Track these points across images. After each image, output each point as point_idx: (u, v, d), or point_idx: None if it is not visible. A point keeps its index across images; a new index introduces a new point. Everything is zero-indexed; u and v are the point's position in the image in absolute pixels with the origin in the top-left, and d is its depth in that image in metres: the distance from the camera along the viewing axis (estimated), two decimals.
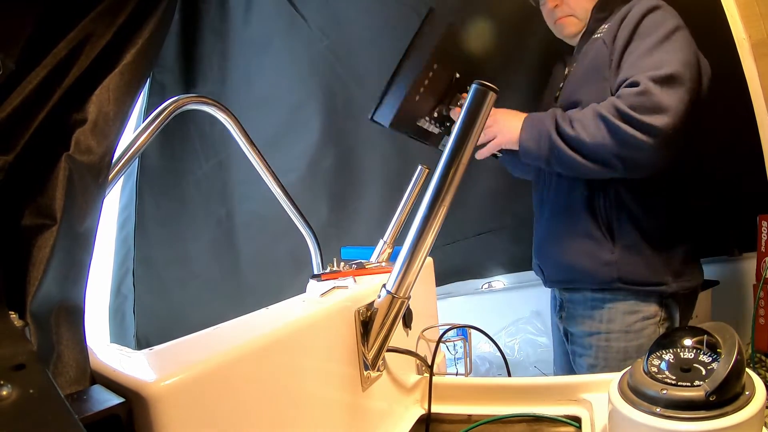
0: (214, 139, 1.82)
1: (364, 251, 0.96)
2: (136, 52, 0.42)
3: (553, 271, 1.21)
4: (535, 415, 0.73)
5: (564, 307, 1.22)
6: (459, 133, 0.61)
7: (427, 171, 0.92)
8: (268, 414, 0.50)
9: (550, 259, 1.21)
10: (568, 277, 1.17)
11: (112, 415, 0.37)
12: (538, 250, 1.26)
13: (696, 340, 0.52)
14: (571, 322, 1.19)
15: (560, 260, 1.17)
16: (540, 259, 1.25)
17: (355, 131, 1.78)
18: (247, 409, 0.47)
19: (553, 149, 1.02)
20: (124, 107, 0.42)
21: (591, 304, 1.13)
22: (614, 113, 0.94)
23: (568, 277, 1.17)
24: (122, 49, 0.41)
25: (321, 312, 0.60)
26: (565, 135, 1.00)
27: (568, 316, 1.21)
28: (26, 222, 0.36)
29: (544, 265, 1.24)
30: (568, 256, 1.14)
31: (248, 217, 1.88)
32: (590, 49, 1.11)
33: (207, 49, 1.77)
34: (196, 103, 0.84)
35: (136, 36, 0.41)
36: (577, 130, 0.99)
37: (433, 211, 0.61)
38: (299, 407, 0.54)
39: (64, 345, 0.39)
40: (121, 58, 0.41)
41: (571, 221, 1.14)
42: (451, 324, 0.86)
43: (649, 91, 0.91)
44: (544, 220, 1.22)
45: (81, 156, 0.38)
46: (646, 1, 1.02)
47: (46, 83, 0.37)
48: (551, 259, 1.21)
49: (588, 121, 0.98)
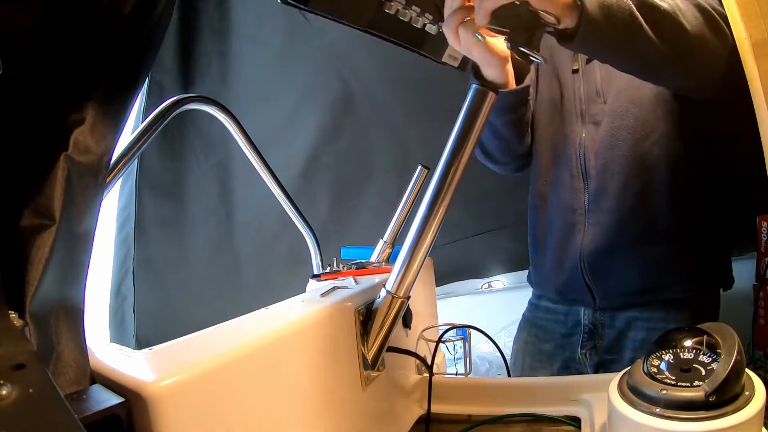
0: (213, 138, 1.82)
1: (364, 251, 0.96)
2: (135, 52, 0.42)
3: (620, 287, 0.97)
4: (534, 415, 0.73)
5: (603, 334, 1.01)
6: (459, 133, 0.61)
7: (427, 171, 0.92)
8: (268, 414, 0.50)
9: (617, 275, 0.96)
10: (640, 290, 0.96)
11: (111, 415, 0.37)
12: (593, 268, 0.97)
13: (696, 341, 0.52)
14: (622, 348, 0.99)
15: (639, 272, 0.95)
16: (595, 278, 0.98)
17: (355, 128, 1.79)
18: (247, 409, 0.47)
19: (643, 5, 0.69)
20: (122, 107, 0.42)
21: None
22: (708, 4, 0.77)
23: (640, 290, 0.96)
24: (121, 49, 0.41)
25: (321, 312, 0.60)
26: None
27: (613, 345, 0.99)
28: (25, 222, 0.36)
29: (600, 284, 0.98)
30: (649, 264, 0.94)
31: (248, 216, 1.88)
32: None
33: (205, 48, 1.77)
34: (196, 103, 0.84)
35: (135, 35, 0.41)
36: (669, 5, 0.73)
37: (433, 211, 0.61)
38: (299, 407, 0.54)
39: (64, 345, 0.39)
40: (120, 57, 0.41)
41: (649, 222, 0.93)
42: (450, 324, 0.86)
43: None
44: (601, 227, 0.96)
45: (79, 156, 0.38)
46: None
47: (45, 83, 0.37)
48: (619, 273, 0.96)
49: (679, 2, 0.75)
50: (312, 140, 1.80)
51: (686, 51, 0.76)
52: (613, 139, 0.94)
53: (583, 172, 0.97)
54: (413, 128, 1.75)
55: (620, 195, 0.94)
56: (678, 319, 0.94)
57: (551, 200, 1.04)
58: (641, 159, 0.92)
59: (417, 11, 0.69)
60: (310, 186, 1.82)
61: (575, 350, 1.03)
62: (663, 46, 0.71)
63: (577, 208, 0.98)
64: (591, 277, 0.97)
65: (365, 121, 1.78)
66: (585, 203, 0.97)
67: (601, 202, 0.96)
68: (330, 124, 1.78)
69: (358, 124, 1.77)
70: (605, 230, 0.95)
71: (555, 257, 1.04)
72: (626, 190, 0.94)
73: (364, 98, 1.77)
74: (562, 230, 1.01)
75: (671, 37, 0.72)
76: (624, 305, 0.98)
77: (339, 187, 1.84)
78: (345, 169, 1.82)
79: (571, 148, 0.99)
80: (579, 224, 0.98)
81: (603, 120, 0.95)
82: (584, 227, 0.97)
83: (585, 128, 0.97)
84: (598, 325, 1.01)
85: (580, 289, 1.00)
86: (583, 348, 1.02)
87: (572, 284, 1.01)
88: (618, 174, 0.94)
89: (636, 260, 0.95)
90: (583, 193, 0.98)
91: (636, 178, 0.93)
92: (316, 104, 1.77)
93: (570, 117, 1.00)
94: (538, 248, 1.11)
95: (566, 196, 1.00)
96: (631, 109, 0.93)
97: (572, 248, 0.99)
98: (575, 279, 0.99)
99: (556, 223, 1.03)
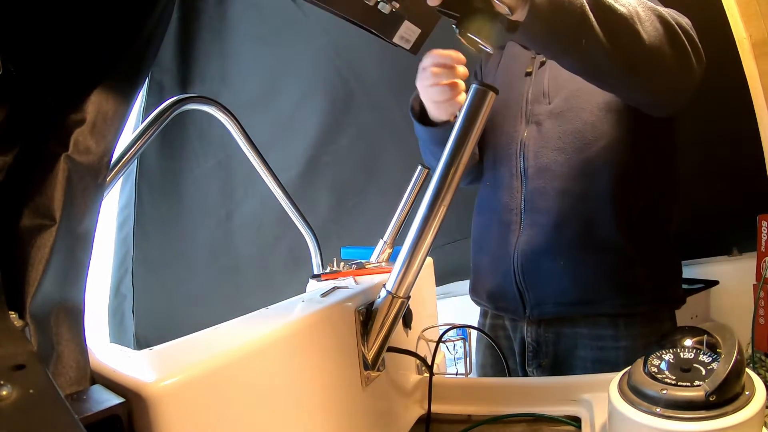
0: (213, 138, 1.82)
1: (364, 251, 0.96)
2: (135, 52, 0.42)
3: (553, 296, 0.94)
4: (534, 415, 0.73)
5: (545, 351, 0.97)
6: (459, 133, 0.61)
7: (427, 171, 0.92)
8: (268, 414, 0.50)
9: (550, 281, 0.93)
10: (580, 300, 0.92)
11: (112, 416, 0.37)
12: (526, 270, 0.94)
13: (696, 340, 0.52)
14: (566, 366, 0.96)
15: (573, 280, 0.91)
16: (528, 283, 0.94)
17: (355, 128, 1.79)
18: (247, 409, 0.47)
19: (598, 7, 0.68)
20: (122, 107, 0.42)
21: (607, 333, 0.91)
22: (674, 21, 0.75)
23: (580, 300, 0.92)
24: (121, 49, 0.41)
25: (321, 312, 0.60)
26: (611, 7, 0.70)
27: (558, 362, 0.96)
28: (25, 222, 0.36)
29: (533, 290, 0.95)
30: (585, 273, 0.91)
31: (248, 216, 1.88)
32: None
33: (205, 48, 1.77)
34: (196, 103, 0.84)
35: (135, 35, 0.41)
36: (628, 10, 0.71)
37: (433, 212, 0.61)
38: (299, 407, 0.54)
39: (64, 345, 0.39)
40: (120, 57, 0.41)
41: (587, 228, 0.90)
42: (451, 324, 0.86)
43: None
44: (536, 228, 0.93)
45: (80, 156, 0.38)
46: None
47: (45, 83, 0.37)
48: (553, 280, 0.93)
49: (640, 10, 0.73)
50: (312, 140, 1.80)
51: (639, 62, 0.73)
52: (559, 141, 0.92)
53: (522, 171, 0.95)
54: (413, 128, 1.75)
55: (559, 197, 0.91)
56: (627, 336, 0.90)
57: (491, 201, 1.02)
58: (585, 163, 0.90)
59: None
60: (310, 186, 1.82)
61: (524, 367, 1.00)
62: (613, 50, 0.69)
63: (513, 208, 0.96)
64: (524, 280, 0.94)
65: (365, 121, 1.78)
66: (521, 203, 0.95)
67: (538, 202, 0.93)
68: (330, 124, 1.78)
69: (358, 124, 1.77)
70: (540, 231, 0.93)
71: (491, 259, 1.02)
72: (566, 193, 0.91)
73: (364, 98, 1.77)
74: (498, 231, 0.99)
75: (624, 44, 0.70)
76: (559, 317, 0.94)
77: (339, 187, 1.84)
78: (345, 169, 1.82)
79: (512, 148, 0.98)
80: (514, 224, 0.96)
81: (545, 121, 0.94)
82: (519, 227, 0.95)
83: (527, 128, 0.96)
84: (542, 342, 0.97)
85: (512, 296, 0.96)
86: (529, 366, 0.99)
87: (504, 290, 0.98)
88: (559, 176, 0.92)
89: (570, 267, 0.91)
90: (520, 192, 0.96)
91: (576, 182, 0.90)
92: (316, 104, 1.77)
93: (514, 118, 0.99)
94: (476, 252, 1.09)
95: (504, 195, 0.98)
96: (580, 113, 0.91)
97: (506, 249, 0.96)
98: (508, 284, 0.96)
99: (494, 224, 1.00)
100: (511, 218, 0.96)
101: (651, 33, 0.72)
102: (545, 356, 0.97)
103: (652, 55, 0.73)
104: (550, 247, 0.92)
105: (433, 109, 0.94)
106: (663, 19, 0.74)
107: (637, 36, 0.70)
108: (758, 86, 0.73)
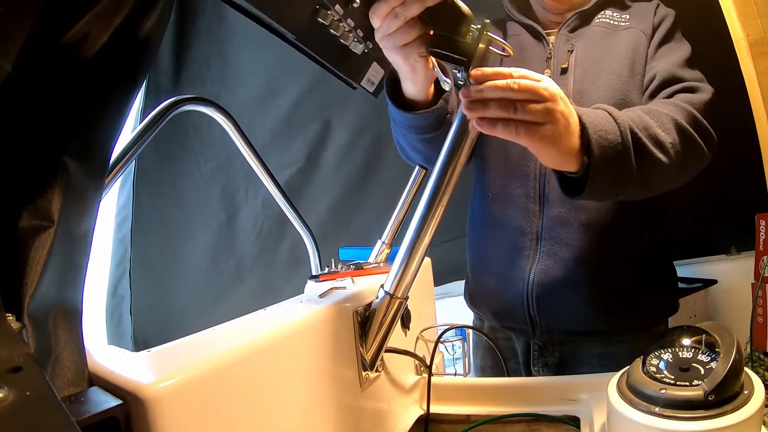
0: (212, 139, 1.82)
1: (362, 252, 0.96)
2: (133, 53, 0.42)
3: (565, 325, 0.91)
4: (534, 414, 0.73)
5: (551, 350, 0.96)
6: (456, 133, 0.61)
7: (425, 171, 0.92)
8: (267, 415, 0.50)
9: (565, 311, 0.89)
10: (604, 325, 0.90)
11: (109, 417, 0.36)
12: (541, 300, 0.89)
13: (694, 340, 0.52)
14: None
15: (588, 311, 0.88)
16: (541, 310, 0.90)
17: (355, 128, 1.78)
18: (246, 411, 0.47)
19: (638, 142, 0.67)
20: (120, 108, 0.42)
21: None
22: (690, 121, 0.75)
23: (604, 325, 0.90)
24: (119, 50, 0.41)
25: (319, 313, 0.60)
26: (649, 133, 0.70)
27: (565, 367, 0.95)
28: (23, 224, 0.36)
29: (545, 317, 0.90)
30: (602, 306, 0.88)
31: (247, 217, 1.88)
32: (617, 37, 0.87)
33: (203, 49, 1.76)
34: (194, 104, 0.84)
35: (133, 37, 0.41)
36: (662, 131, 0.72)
37: (431, 212, 0.61)
38: (297, 409, 0.54)
39: (62, 347, 0.39)
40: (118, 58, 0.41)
41: (611, 264, 0.86)
42: (449, 324, 0.86)
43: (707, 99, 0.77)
44: (555, 259, 0.87)
45: (78, 158, 0.38)
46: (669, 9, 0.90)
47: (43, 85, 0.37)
48: (568, 309, 0.88)
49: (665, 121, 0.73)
50: (311, 140, 1.80)
51: (658, 184, 0.73)
52: None
53: (541, 194, 0.88)
54: None
55: (584, 229, 0.86)
56: (631, 340, 0.91)
57: (497, 217, 0.95)
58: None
59: (351, 25, 0.63)
60: (309, 186, 1.81)
61: (529, 368, 0.98)
62: (640, 179, 0.69)
63: (528, 233, 0.89)
64: (537, 309, 0.90)
65: (365, 121, 1.78)
66: (539, 230, 0.89)
67: (559, 232, 0.87)
68: (330, 123, 1.78)
69: (357, 124, 1.77)
70: (560, 263, 0.87)
71: (497, 280, 0.96)
72: (591, 227, 0.85)
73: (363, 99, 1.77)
74: (508, 253, 0.92)
75: (649, 175, 0.70)
76: (565, 341, 0.93)
77: (338, 187, 1.84)
78: (344, 169, 1.82)
79: (529, 166, 0.89)
80: (528, 249, 0.90)
81: None
82: (534, 254, 0.89)
83: None
84: (548, 344, 0.95)
85: (521, 320, 0.92)
86: (535, 365, 0.97)
87: (513, 313, 0.93)
88: (585, 207, 0.85)
89: (587, 300, 0.87)
90: (539, 218, 0.89)
91: (602, 215, 0.85)
92: (316, 104, 1.77)
93: None
94: (477, 267, 1.03)
95: (516, 216, 0.91)
96: None
97: (518, 274, 0.90)
98: (516, 309, 0.91)
99: (503, 243, 0.93)
100: (525, 243, 0.90)
101: (671, 153, 0.71)
102: (551, 354, 0.95)
103: (671, 176, 0.73)
104: (569, 280, 0.87)
105: (406, 72, 0.73)
106: (680, 127, 0.73)
107: (661, 166, 0.70)
108: (755, 86, 0.73)
